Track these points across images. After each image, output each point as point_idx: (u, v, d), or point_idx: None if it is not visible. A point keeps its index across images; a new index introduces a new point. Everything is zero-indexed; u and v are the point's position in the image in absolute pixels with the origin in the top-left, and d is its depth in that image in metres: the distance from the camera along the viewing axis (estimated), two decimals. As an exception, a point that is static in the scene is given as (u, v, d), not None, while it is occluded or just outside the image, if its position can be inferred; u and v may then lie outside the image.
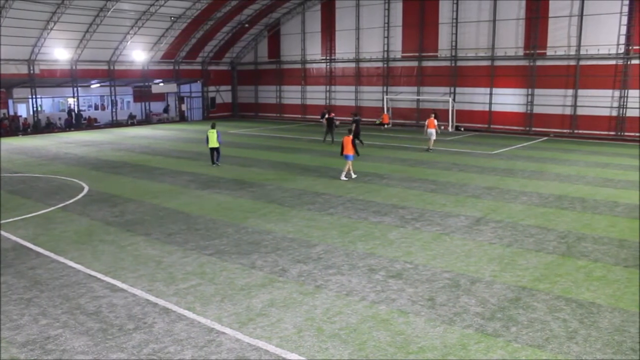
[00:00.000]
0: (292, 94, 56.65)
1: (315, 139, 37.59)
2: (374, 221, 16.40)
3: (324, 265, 12.57)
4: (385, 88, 48.85)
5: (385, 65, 48.71)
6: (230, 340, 9.11)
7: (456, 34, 43.88)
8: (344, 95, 52.32)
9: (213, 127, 27.14)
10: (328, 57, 52.90)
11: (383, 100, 48.02)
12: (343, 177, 22.97)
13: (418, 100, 46.98)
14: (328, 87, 53.37)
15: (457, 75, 44.48)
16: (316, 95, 54.41)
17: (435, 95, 45.43)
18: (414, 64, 46.94)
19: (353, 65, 51.17)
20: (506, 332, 9.29)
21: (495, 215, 17.08)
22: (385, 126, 44.23)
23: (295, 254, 13.41)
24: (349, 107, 51.54)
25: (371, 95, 50.15)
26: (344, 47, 51.57)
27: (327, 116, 35.87)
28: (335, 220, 16.53)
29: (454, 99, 43.93)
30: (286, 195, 20.17)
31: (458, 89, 44.59)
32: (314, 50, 53.96)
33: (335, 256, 13.24)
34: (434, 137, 31.69)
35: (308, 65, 54.89)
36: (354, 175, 23.18)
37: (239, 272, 12.26)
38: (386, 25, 47.79)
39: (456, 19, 43.61)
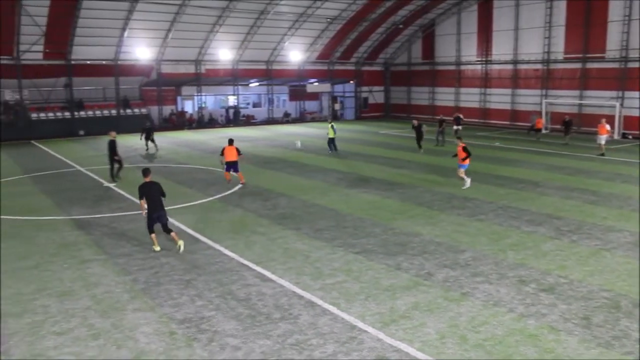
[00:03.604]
0: (445, 96, 55.61)
1: (468, 143, 36.58)
2: (526, 230, 15.65)
3: (471, 273, 12.23)
4: (544, 91, 46.38)
5: (545, 67, 46.24)
6: (371, 339, 9.16)
7: (628, 32, 40.41)
8: (499, 99, 50.41)
9: (330, 123, 33.28)
10: (484, 59, 51.30)
11: (541, 104, 45.61)
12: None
13: (580, 105, 44.05)
14: (483, 89, 51.75)
15: (627, 78, 40.95)
16: (470, 97, 52.97)
17: (601, 100, 42.23)
18: (577, 65, 44.03)
19: (510, 67, 49.15)
20: (673, 362, 8.45)
21: (666, 232, 15.55)
22: (539, 132, 40.21)
23: (442, 259, 13.17)
24: (505, 111, 49.71)
25: (528, 99, 47.83)
26: (500, 48, 49.66)
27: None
28: (485, 227, 16.00)
29: (621, 104, 40.61)
30: (435, 198, 19.87)
31: (627, 93, 41.01)
32: (469, 51, 52.57)
33: (484, 264, 12.82)
34: (603, 142, 30.59)
35: (463, 67, 53.61)
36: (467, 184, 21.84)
37: (384, 272, 12.29)
38: (547, 25, 45.28)
39: (629, 16, 40.15)
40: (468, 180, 21.78)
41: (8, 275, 12.35)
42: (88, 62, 43.89)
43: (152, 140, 33.30)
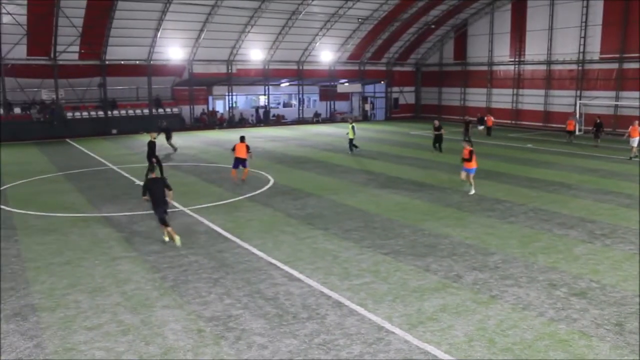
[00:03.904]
0: (476, 97, 55.10)
1: (500, 144, 36.26)
2: (558, 234, 15.40)
3: (500, 275, 12.08)
4: (578, 92, 45.55)
5: (580, 67, 45.42)
6: (399, 341, 9.11)
7: (667, 32, 39.46)
8: (532, 100, 49.75)
9: (351, 123, 33.04)
10: (517, 59, 50.64)
11: (575, 105, 44.80)
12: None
13: (616, 106, 43.15)
14: (515, 90, 51.10)
15: (665, 79, 39.92)
16: (502, 98, 52.36)
17: (638, 101, 41.25)
18: (614, 66, 43.16)
19: (544, 67, 48.43)
20: None
21: (703, 237, 15.13)
22: (571, 134, 38.65)
23: (472, 261, 13.03)
24: (538, 112, 49.01)
25: (562, 100, 47.06)
26: (534, 49, 48.99)
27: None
28: (515, 230, 15.79)
29: (659, 106, 39.59)
30: (465, 199, 19.67)
31: (667, 94, 40.01)
32: (502, 51, 51.97)
33: (514, 267, 12.65)
34: (635, 145, 29.62)
35: (495, 67, 53.02)
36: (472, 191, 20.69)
37: (412, 273, 12.21)
38: (583, 24, 44.48)
39: (669, 15, 39.17)
40: (472, 187, 20.74)
41: (42, 271, 12.62)
42: (122, 62, 44.62)
43: (169, 140, 33.19)
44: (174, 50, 45.14)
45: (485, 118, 43.06)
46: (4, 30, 38.05)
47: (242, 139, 23.14)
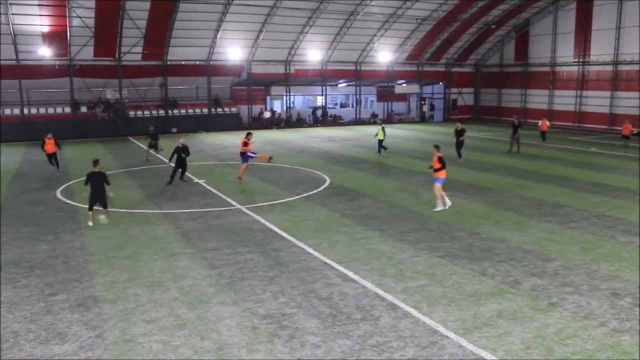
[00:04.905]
0: (538, 98, 53.70)
1: (562, 147, 35.27)
2: (622, 241, 14.83)
3: (560, 282, 11.72)
4: (647, 94, 43.76)
5: (649, 68, 43.64)
6: (453, 345, 8.98)
7: None
8: (596, 102, 48.08)
9: (380, 125, 32.81)
10: (581, 60, 49.09)
11: (643, 107, 43.10)
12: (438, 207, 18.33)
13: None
14: (579, 92, 49.56)
15: None
16: (565, 100, 50.85)
17: None
18: (687, 67, 41.24)
19: (610, 68, 46.75)
20: None
21: None
22: (627, 139, 35.94)
23: (530, 267, 12.71)
24: (602, 115, 47.36)
25: (629, 102, 45.32)
26: (600, 48, 47.32)
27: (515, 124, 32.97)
28: (576, 236, 15.30)
29: None
30: (524, 203, 19.19)
31: None
32: (566, 52, 50.47)
33: (575, 274, 12.26)
34: None
35: (558, 68, 51.56)
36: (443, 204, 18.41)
37: (468, 277, 12.01)
38: (655, 22, 42.70)
39: None
40: (446, 200, 18.34)
41: (104, 264, 13.04)
42: (182, 62, 45.65)
43: (155, 147, 29.83)
44: (233, 51, 45.85)
45: (540, 122, 41.64)
46: (73, 32, 39.53)
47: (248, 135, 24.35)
